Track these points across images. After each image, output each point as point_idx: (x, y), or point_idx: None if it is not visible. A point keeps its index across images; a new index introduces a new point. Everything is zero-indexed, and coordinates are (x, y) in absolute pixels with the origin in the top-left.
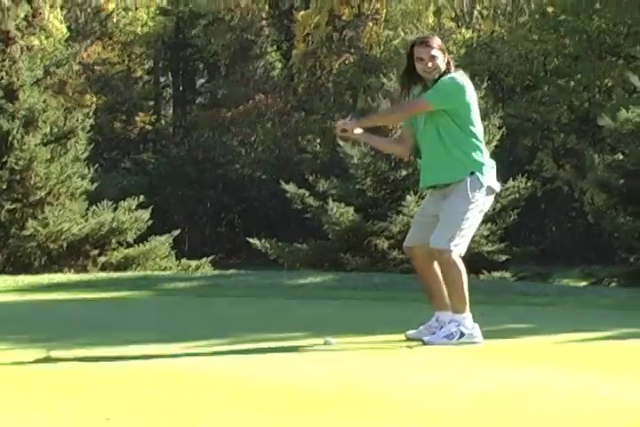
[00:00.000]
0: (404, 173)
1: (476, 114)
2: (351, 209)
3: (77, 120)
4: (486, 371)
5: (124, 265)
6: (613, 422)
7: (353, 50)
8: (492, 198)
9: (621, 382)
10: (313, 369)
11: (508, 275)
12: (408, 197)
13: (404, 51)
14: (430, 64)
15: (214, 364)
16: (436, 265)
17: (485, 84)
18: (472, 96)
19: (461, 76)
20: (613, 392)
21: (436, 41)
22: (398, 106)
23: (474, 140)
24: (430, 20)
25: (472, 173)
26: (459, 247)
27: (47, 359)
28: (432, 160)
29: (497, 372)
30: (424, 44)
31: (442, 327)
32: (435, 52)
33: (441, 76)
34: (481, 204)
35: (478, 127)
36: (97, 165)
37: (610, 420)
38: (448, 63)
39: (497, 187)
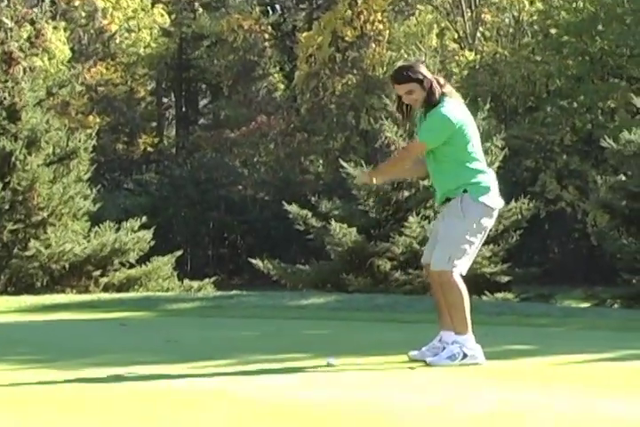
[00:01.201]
0: (406, 193)
1: (472, 135)
2: (354, 230)
3: (80, 141)
4: (487, 392)
5: (126, 286)
6: None
7: (356, 71)
8: (494, 215)
9: (622, 402)
10: (314, 390)
11: (510, 296)
12: (410, 218)
13: None
14: (407, 100)
15: (216, 384)
16: None
17: (488, 106)
18: (464, 121)
19: (453, 108)
20: (614, 412)
21: (411, 72)
22: (399, 153)
23: (467, 162)
24: (433, 42)
25: (464, 191)
26: (458, 267)
27: (49, 381)
28: (434, 181)
29: (498, 393)
30: (396, 81)
31: (444, 348)
32: (407, 86)
33: (431, 101)
34: (478, 222)
35: (474, 148)
36: (99, 185)
37: None
38: (430, 88)
39: (495, 204)
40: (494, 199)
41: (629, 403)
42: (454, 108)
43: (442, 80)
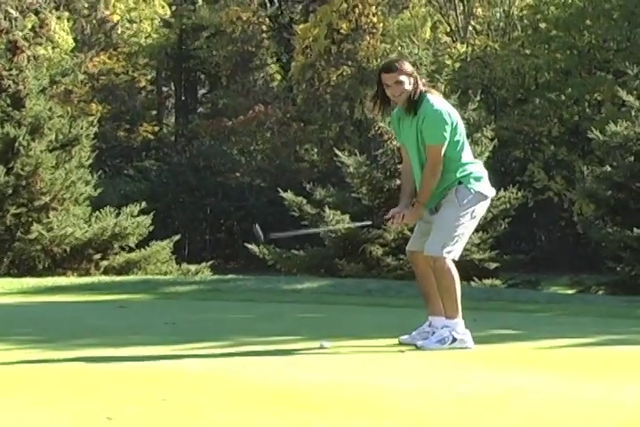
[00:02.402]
0: (398, 182)
1: (460, 132)
2: (347, 217)
3: (82, 128)
4: (475, 375)
5: (125, 269)
6: (598, 422)
7: (350, 62)
8: (486, 204)
9: (605, 386)
10: (307, 372)
11: (498, 282)
12: None
13: None
14: (396, 89)
15: (213, 365)
16: None
17: (478, 97)
18: (454, 116)
19: (441, 103)
20: (597, 396)
21: (402, 65)
22: (427, 169)
23: (458, 159)
24: (426, 35)
25: (460, 183)
26: (452, 253)
27: (50, 360)
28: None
29: (486, 376)
30: (388, 70)
31: (434, 332)
32: (400, 77)
33: (414, 96)
34: (472, 210)
35: (462, 141)
36: (100, 171)
37: (595, 420)
38: (416, 84)
39: (489, 192)
40: (488, 188)
41: (612, 387)
42: (441, 103)
43: (423, 80)
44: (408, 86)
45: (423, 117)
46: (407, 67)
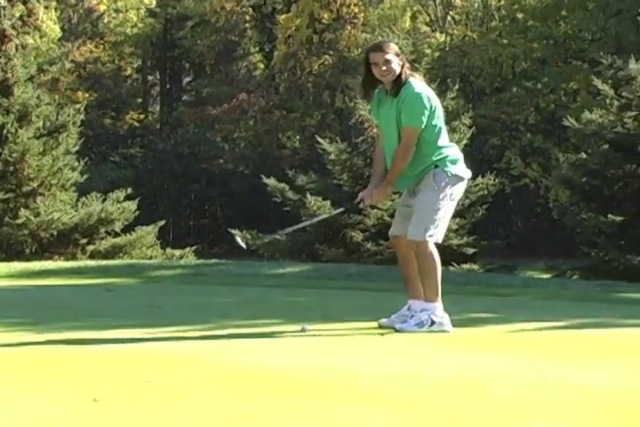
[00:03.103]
0: None
1: (438, 116)
2: (328, 203)
3: (69, 115)
4: (453, 358)
5: (111, 253)
6: (572, 404)
7: (332, 52)
8: (463, 185)
9: (579, 368)
10: (289, 354)
11: (476, 267)
12: None
13: None
14: (385, 68)
15: (197, 348)
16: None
17: (457, 86)
18: (434, 100)
19: (422, 87)
20: (571, 378)
21: (390, 46)
22: (399, 150)
23: (434, 142)
24: (406, 25)
25: (436, 166)
26: (434, 237)
27: (37, 342)
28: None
29: (463, 359)
30: (378, 49)
31: (413, 316)
32: (388, 56)
33: (398, 79)
34: (450, 192)
35: (440, 125)
36: (87, 158)
37: (568, 402)
38: (403, 66)
39: (465, 174)
40: (464, 170)
41: (586, 369)
42: (423, 87)
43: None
44: (396, 66)
45: (403, 99)
46: (395, 47)
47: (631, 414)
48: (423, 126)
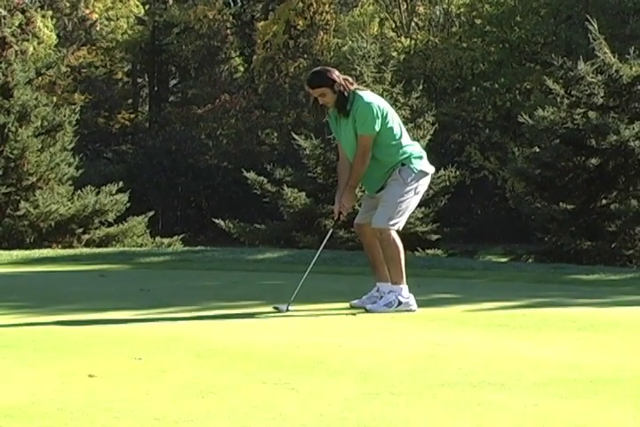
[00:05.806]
0: None
1: (392, 117)
2: (303, 194)
3: (65, 115)
4: (419, 334)
5: (105, 242)
6: (517, 375)
7: (306, 55)
8: (427, 180)
9: (534, 344)
10: (268, 333)
11: (439, 252)
12: None
13: (350, 57)
14: (321, 101)
15: (183, 328)
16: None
17: (421, 87)
18: (384, 106)
19: (370, 97)
20: (527, 353)
21: (320, 77)
22: (357, 158)
23: (395, 142)
24: (374, 30)
25: (403, 165)
26: (396, 225)
27: (37, 323)
28: (367, 172)
29: (428, 336)
30: (309, 85)
31: (382, 297)
32: (319, 90)
33: (342, 98)
34: (415, 186)
35: (397, 127)
36: (82, 154)
37: (515, 373)
38: (343, 85)
39: (429, 169)
40: (427, 165)
41: (539, 344)
42: (372, 96)
43: (351, 79)
44: (331, 96)
45: (355, 110)
46: (329, 78)
47: (573, 384)
48: (377, 131)
